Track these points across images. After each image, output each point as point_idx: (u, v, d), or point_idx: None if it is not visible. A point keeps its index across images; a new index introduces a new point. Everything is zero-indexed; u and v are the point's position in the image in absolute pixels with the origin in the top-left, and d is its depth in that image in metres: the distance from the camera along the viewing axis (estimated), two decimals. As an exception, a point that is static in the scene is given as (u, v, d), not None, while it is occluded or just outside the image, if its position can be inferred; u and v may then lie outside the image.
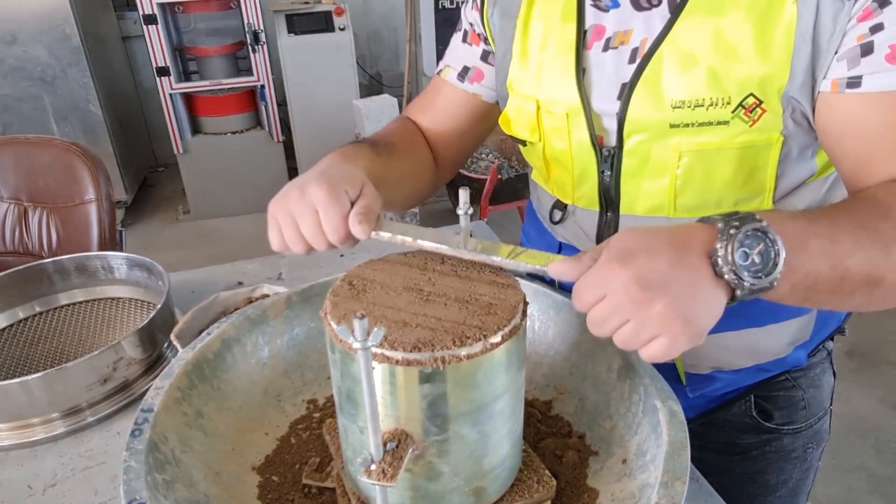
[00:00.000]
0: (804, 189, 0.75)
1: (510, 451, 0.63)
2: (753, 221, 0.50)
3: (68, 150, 1.56)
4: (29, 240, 1.59)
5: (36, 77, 3.41)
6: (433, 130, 0.95)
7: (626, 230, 0.53)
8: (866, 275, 0.54)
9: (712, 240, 0.51)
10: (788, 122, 0.68)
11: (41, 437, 0.85)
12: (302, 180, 0.66)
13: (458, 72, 0.91)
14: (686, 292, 0.49)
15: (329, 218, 0.63)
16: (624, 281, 0.49)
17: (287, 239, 0.66)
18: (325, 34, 3.54)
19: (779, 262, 0.50)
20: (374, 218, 0.65)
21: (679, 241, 0.51)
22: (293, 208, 0.64)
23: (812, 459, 0.92)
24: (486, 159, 3.29)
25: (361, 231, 0.63)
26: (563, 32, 0.76)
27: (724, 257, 0.50)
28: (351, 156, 0.75)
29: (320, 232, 0.64)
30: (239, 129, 3.73)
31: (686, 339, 0.50)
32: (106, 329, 1.07)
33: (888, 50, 0.60)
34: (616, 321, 0.51)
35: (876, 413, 2.24)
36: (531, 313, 0.84)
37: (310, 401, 0.81)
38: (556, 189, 0.87)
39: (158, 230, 3.76)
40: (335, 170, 0.67)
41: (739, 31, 0.65)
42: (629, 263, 0.49)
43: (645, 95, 0.71)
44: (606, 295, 0.51)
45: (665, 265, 0.49)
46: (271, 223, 0.66)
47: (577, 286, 0.53)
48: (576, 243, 0.87)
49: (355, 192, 0.65)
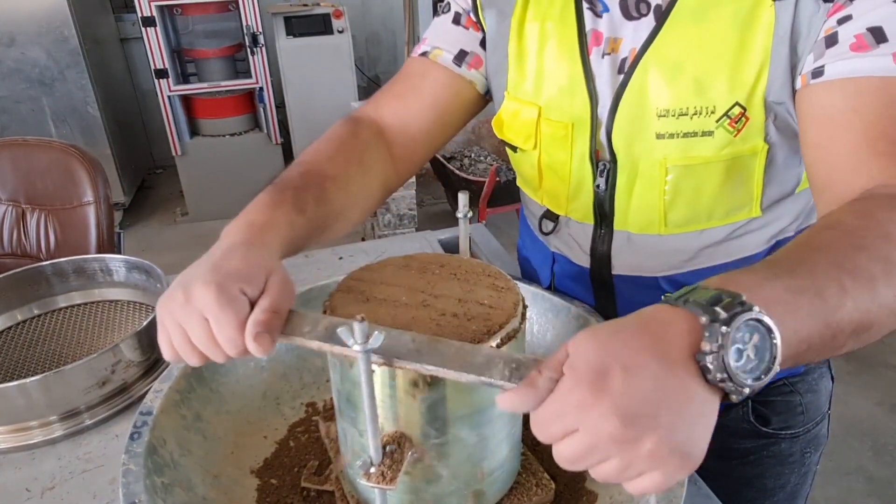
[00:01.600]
0: (792, 198, 0.75)
1: (509, 454, 0.63)
2: (743, 310, 0.41)
3: (67, 153, 1.56)
4: (27, 242, 1.59)
5: (34, 79, 3.41)
6: (404, 121, 0.84)
7: (588, 332, 0.43)
8: (857, 323, 0.48)
9: (696, 337, 0.42)
10: (771, 128, 0.67)
11: (39, 440, 0.85)
12: (189, 278, 0.54)
13: (453, 55, 0.83)
14: (678, 418, 0.40)
15: (222, 328, 0.52)
16: (600, 415, 0.39)
17: (179, 349, 0.55)
18: (324, 36, 3.54)
19: (776, 353, 0.42)
20: (279, 324, 0.53)
21: (659, 346, 0.41)
22: (180, 316, 0.53)
23: (810, 463, 0.92)
24: (484, 162, 3.30)
25: (258, 347, 0.51)
26: (564, 36, 0.74)
27: (717, 364, 0.41)
28: (260, 228, 0.61)
29: (214, 343, 0.53)
30: (237, 131, 3.73)
31: (683, 472, 0.41)
32: (104, 332, 1.07)
33: (853, 40, 0.60)
34: (595, 459, 0.41)
35: (873, 415, 2.24)
36: (530, 316, 0.85)
37: (308, 404, 0.81)
38: (547, 199, 0.85)
39: (156, 232, 3.76)
40: (232, 260, 0.55)
41: (724, 39, 0.65)
42: (603, 390, 0.39)
43: (631, 105, 0.70)
44: (579, 430, 0.41)
45: (648, 387, 0.40)
46: (160, 330, 0.56)
47: (538, 416, 0.43)
48: (569, 255, 0.85)
49: (256, 290, 0.54)
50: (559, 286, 0.89)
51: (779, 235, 0.77)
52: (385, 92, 0.87)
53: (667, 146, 0.69)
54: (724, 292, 0.43)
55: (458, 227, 0.72)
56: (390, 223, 3.19)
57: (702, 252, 0.77)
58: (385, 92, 0.87)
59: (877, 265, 0.49)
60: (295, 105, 3.66)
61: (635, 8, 0.70)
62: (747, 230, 0.76)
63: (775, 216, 0.76)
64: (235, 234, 0.60)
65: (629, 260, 0.80)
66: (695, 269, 0.78)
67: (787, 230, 0.77)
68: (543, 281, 0.92)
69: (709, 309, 0.41)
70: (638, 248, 0.78)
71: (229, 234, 0.61)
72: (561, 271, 0.88)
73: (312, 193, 0.68)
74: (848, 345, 0.49)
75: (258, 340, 0.51)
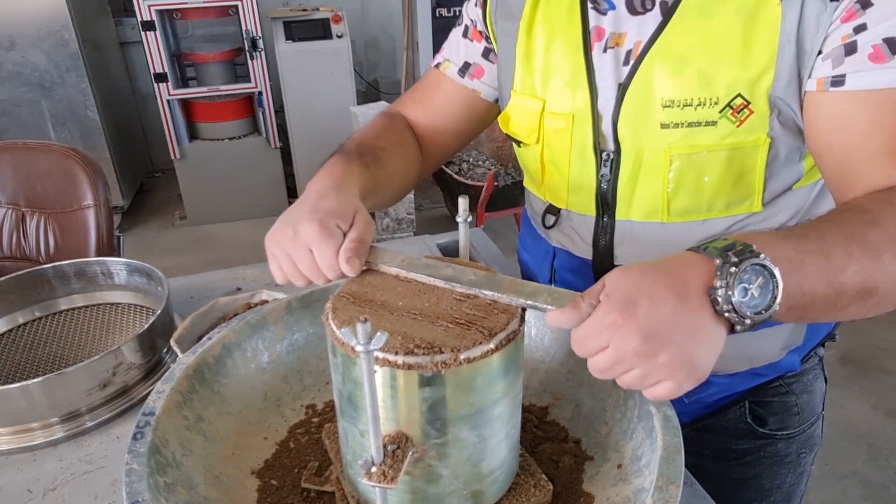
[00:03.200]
0: (792, 194, 0.77)
1: (508, 455, 0.64)
2: (751, 256, 0.50)
3: (67, 156, 1.56)
4: (26, 245, 1.60)
5: (34, 82, 3.42)
6: (426, 125, 0.95)
7: (622, 270, 0.53)
8: (860, 287, 0.54)
9: (710, 276, 0.51)
10: (775, 123, 0.69)
11: (41, 442, 0.85)
12: (295, 216, 0.66)
13: (458, 67, 0.91)
14: (689, 339, 0.50)
15: (324, 256, 0.63)
16: (627, 333, 0.49)
17: (288, 275, 0.67)
18: (323, 41, 3.56)
19: (777, 294, 0.51)
20: (366, 251, 0.65)
21: (678, 283, 0.51)
22: (288, 247, 0.65)
23: (805, 464, 0.93)
24: (482, 166, 3.31)
25: (350, 269, 0.63)
26: (570, 34, 0.77)
27: (724, 296, 0.50)
28: (341, 179, 0.74)
29: (317, 269, 0.65)
30: (236, 135, 3.73)
31: (690, 382, 0.51)
32: (106, 334, 1.08)
33: (871, 49, 0.62)
34: (620, 370, 0.51)
35: (869, 420, 2.25)
36: (528, 320, 0.85)
37: (309, 406, 0.82)
38: (548, 194, 0.87)
39: (155, 236, 3.76)
40: (326, 202, 0.68)
41: (728, 33, 0.67)
42: (632, 314, 0.49)
43: (637, 96, 0.72)
44: (609, 345, 0.50)
45: (668, 313, 0.49)
46: (271, 259, 0.68)
47: (578, 334, 0.53)
48: (571, 248, 0.87)
49: (347, 224, 0.66)
50: (559, 281, 0.91)
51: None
52: (408, 97, 0.99)
53: (671, 135, 0.72)
54: (738, 242, 0.52)
55: (457, 232, 0.73)
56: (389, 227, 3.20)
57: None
58: (408, 97, 0.99)
59: (885, 239, 0.56)
60: (294, 109, 3.67)
61: (641, 4, 0.73)
62: (748, 223, 0.77)
63: (775, 211, 0.77)
64: (323, 182, 0.73)
65: (631, 250, 0.81)
66: None
67: (786, 226, 0.79)
68: (543, 279, 0.93)
69: (722, 253, 0.51)
70: (640, 238, 0.80)
71: (315, 183, 0.73)
72: (561, 265, 0.90)
73: (371, 157, 0.82)
74: (853, 307, 0.56)
75: (350, 263, 0.63)
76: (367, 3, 4.38)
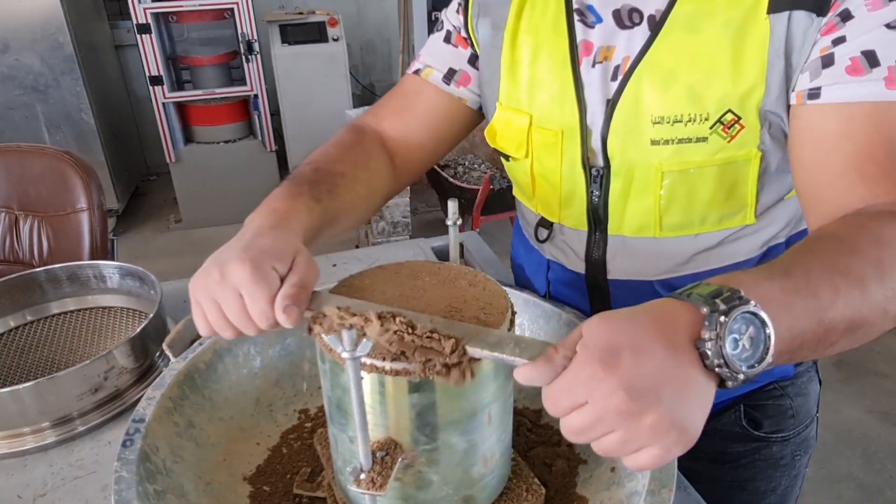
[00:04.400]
0: (785, 204, 0.77)
1: (499, 459, 0.63)
2: (740, 303, 0.45)
3: (60, 159, 1.56)
4: (20, 248, 1.59)
5: (28, 85, 3.41)
6: (403, 135, 0.88)
7: (601, 317, 0.47)
8: (849, 321, 0.51)
9: (697, 326, 0.46)
10: (766, 137, 0.69)
11: (31, 447, 0.85)
12: (223, 257, 0.58)
13: (443, 74, 0.87)
14: (678, 397, 0.44)
15: (256, 302, 0.55)
16: (609, 388, 0.43)
17: (213, 324, 0.58)
18: (319, 44, 3.56)
19: (770, 344, 0.46)
20: (306, 299, 0.57)
21: (664, 332, 0.45)
22: (215, 292, 0.57)
23: (800, 466, 0.93)
24: (478, 170, 3.31)
25: (287, 319, 0.55)
26: (556, 46, 0.76)
27: (715, 350, 0.44)
28: (283, 216, 0.66)
29: (248, 318, 0.57)
30: (232, 138, 3.73)
31: (679, 447, 0.45)
32: (97, 338, 1.07)
33: (848, 62, 0.61)
34: (600, 431, 0.44)
35: (864, 423, 2.25)
36: (521, 323, 0.85)
37: (301, 411, 0.81)
38: (540, 207, 0.86)
39: (150, 239, 3.75)
40: (262, 240, 0.60)
41: (717, 48, 0.66)
42: (613, 366, 0.43)
43: (626, 112, 0.71)
44: (588, 402, 0.44)
45: (654, 366, 0.44)
46: (194, 306, 0.59)
47: (552, 390, 0.46)
48: (564, 261, 0.86)
49: (285, 267, 0.58)
50: (554, 293, 0.90)
51: (771, 241, 0.78)
52: (384, 106, 0.92)
53: (662, 152, 0.71)
54: (724, 287, 0.47)
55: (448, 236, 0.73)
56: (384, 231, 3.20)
57: (696, 257, 0.78)
58: (384, 106, 0.92)
59: (868, 267, 0.53)
60: (289, 112, 3.67)
61: (628, 17, 0.72)
62: (740, 235, 0.77)
63: (767, 222, 0.77)
64: (261, 219, 0.65)
65: (624, 264, 0.81)
66: (689, 273, 0.79)
67: (778, 236, 0.78)
68: (539, 289, 0.93)
69: (710, 301, 0.46)
70: (633, 252, 0.79)
71: (254, 220, 0.65)
72: (556, 278, 0.89)
73: (325, 187, 0.73)
74: (841, 342, 0.52)
75: (287, 312, 0.55)
76: (362, 7, 4.38)
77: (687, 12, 0.68)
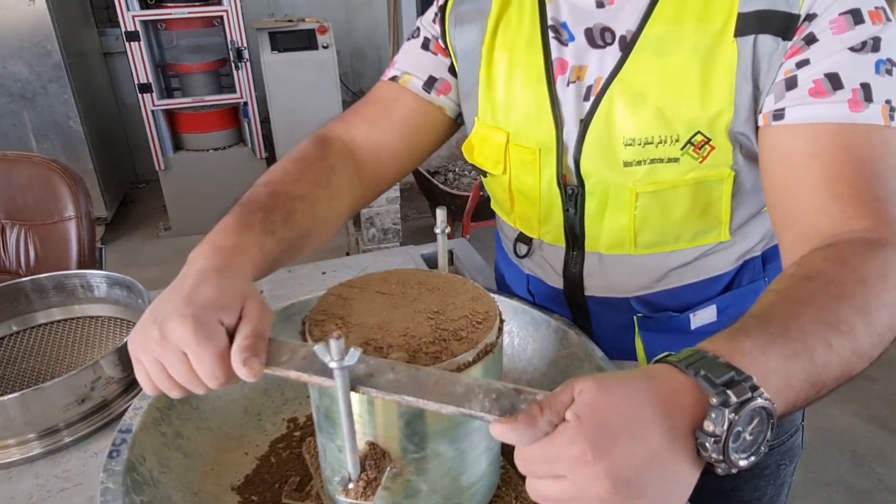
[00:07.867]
0: (760, 219, 0.77)
1: (488, 468, 0.64)
2: (752, 397, 0.42)
3: (48, 167, 1.55)
4: (6, 257, 1.58)
5: (15, 93, 3.39)
6: (376, 143, 0.84)
7: (598, 384, 0.43)
8: (840, 376, 0.50)
9: (701, 413, 0.42)
10: (738, 157, 0.69)
11: (17, 459, 0.84)
12: (163, 313, 0.53)
13: (423, 81, 0.84)
14: (664, 487, 0.41)
15: (202, 362, 0.51)
16: (596, 474, 0.40)
17: (158, 385, 0.54)
18: (309, 52, 3.56)
19: (768, 436, 0.44)
20: (264, 347, 0.53)
21: (665, 417, 0.42)
22: (156, 352, 0.52)
23: (785, 475, 0.93)
24: (468, 176, 3.32)
25: (249, 372, 0.51)
26: (531, 64, 0.75)
27: (716, 447, 0.42)
28: (230, 252, 0.60)
29: (195, 378, 0.52)
30: (221, 145, 3.72)
31: None
32: (84, 348, 1.06)
33: (812, 84, 0.62)
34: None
35: (853, 427, 2.27)
36: (511, 330, 0.86)
37: (290, 419, 0.81)
38: (519, 223, 0.86)
39: (139, 247, 3.73)
40: (205, 289, 0.54)
41: (685, 72, 0.67)
42: (605, 452, 0.40)
43: (599, 133, 0.71)
44: (568, 479, 0.41)
45: (647, 457, 0.41)
46: (136, 366, 0.55)
47: (529, 453, 0.43)
48: (543, 277, 0.87)
49: (233, 318, 0.53)
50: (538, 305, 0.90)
51: (746, 255, 0.79)
52: (356, 113, 0.88)
53: (635, 173, 0.71)
54: (735, 371, 0.43)
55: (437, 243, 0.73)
56: (374, 238, 3.20)
57: (672, 272, 0.78)
58: (356, 113, 0.88)
59: (856, 315, 0.51)
60: (279, 120, 3.66)
61: (601, 37, 0.72)
62: (716, 250, 0.77)
63: (743, 237, 0.77)
64: (205, 260, 0.59)
65: (601, 281, 0.81)
66: (665, 289, 0.79)
67: (754, 250, 0.79)
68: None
69: (721, 391, 0.42)
70: (609, 269, 0.80)
71: (197, 258, 0.59)
72: (536, 292, 0.89)
73: (280, 214, 0.68)
74: (826, 394, 0.51)
75: (248, 365, 0.51)
76: (352, 14, 4.39)
77: (657, 35, 0.68)
